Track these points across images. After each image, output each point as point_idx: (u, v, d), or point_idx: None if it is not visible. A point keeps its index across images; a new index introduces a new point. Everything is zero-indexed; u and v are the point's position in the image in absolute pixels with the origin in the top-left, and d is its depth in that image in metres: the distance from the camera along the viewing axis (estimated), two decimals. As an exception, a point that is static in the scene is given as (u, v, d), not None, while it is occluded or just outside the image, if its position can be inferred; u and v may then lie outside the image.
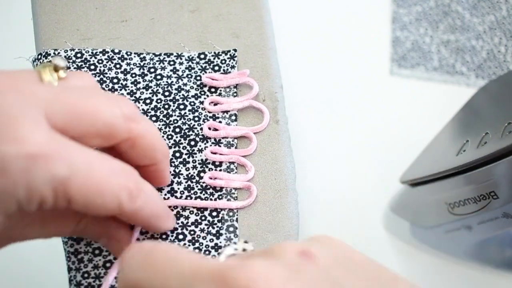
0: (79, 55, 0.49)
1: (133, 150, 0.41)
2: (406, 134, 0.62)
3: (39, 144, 0.35)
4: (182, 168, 0.46)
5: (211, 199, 0.46)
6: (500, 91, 0.55)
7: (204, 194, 0.46)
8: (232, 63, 0.50)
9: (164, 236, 0.45)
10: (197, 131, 0.48)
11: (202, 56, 0.50)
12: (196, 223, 0.45)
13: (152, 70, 0.49)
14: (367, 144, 0.62)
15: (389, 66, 0.64)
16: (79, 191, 0.36)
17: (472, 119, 0.55)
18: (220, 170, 0.47)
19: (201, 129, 0.48)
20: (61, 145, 0.36)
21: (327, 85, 0.63)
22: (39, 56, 0.49)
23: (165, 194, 0.46)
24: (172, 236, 0.45)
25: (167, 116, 0.48)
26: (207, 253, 0.44)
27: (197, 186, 0.46)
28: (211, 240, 0.45)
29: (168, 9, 0.52)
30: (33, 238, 0.40)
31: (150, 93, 0.48)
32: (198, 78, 0.49)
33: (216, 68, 0.50)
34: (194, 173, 0.46)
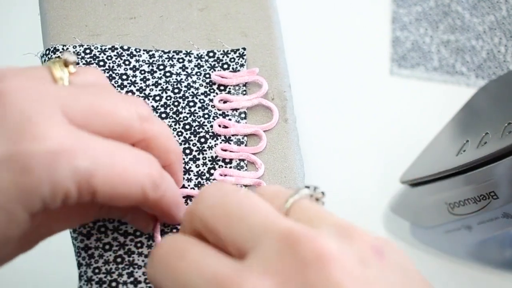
0: (88, 51, 0.49)
1: (147, 151, 0.41)
2: (406, 134, 0.62)
3: (60, 140, 0.35)
4: (192, 165, 0.47)
5: (220, 196, 0.46)
6: (500, 91, 0.55)
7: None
8: (241, 61, 0.50)
9: (174, 230, 0.45)
10: (207, 128, 0.48)
11: (211, 54, 0.50)
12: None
13: (161, 67, 0.49)
14: (367, 144, 0.62)
15: (389, 66, 0.64)
16: (104, 183, 0.36)
17: (472, 119, 0.56)
18: (230, 167, 0.47)
19: (211, 126, 0.48)
20: (81, 138, 0.36)
21: (326, 85, 0.63)
22: (47, 52, 0.49)
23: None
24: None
25: (177, 113, 0.48)
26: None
27: (207, 183, 0.46)
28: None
29: (177, 7, 0.52)
30: (60, 231, 0.40)
31: (159, 90, 0.49)
32: (207, 76, 0.49)
33: (225, 66, 0.50)
34: (204, 170, 0.47)
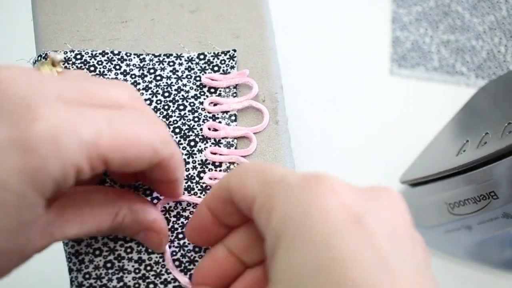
0: (78, 56, 0.49)
1: (158, 171, 0.41)
2: (406, 134, 0.62)
3: (60, 117, 0.35)
4: None
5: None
6: (500, 91, 0.55)
7: (204, 195, 0.46)
8: (231, 63, 0.50)
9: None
10: (197, 131, 0.48)
11: (201, 57, 0.50)
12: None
13: (151, 71, 0.49)
14: (367, 144, 0.62)
15: (389, 66, 0.64)
16: (112, 148, 0.36)
17: (472, 119, 0.55)
18: (220, 171, 0.47)
19: (201, 129, 0.48)
20: (80, 111, 0.36)
21: (327, 85, 0.63)
22: (39, 58, 0.49)
23: (165, 195, 0.46)
24: (172, 235, 0.45)
25: (167, 117, 0.48)
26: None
27: (197, 187, 0.46)
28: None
29: (168, 10, 0.52)
30: (73, 236, 0.40)
31: (150, 94, 0.48)
32: (197, 78, 0.49)
33: (216, 68, 0.50)
34: (194, 173, 0.46)
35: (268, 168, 0.37)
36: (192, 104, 0.48)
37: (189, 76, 0.49)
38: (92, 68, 0.49)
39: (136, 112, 0.39)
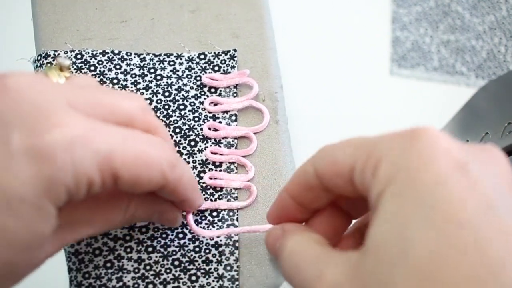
0: (79, 56, 0.49)
1: (167, 193, 0.41)
2: (406, 134, 0.61)
3: (76, 126, 0.35)
4: None
5: (211, 199, 0.46)
6: (500, 91, 0.54)
7: (204, 194, 0.46)
8: (232, 63, 0.50)
9: (164, 235, 0.45)
10: (197, 131, 0.48)
11: (202, 57, 0.50)
12: (196, 223, 0.45)
13: (152, 70, 0.49)
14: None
15: (389, 66, 0.64)
16: (124, 165, 0.36)
17: (472, 119, 0.55)
18: (220, 170, 0.47)
19: (201, 129, 0.48)
20: (95, 124, 0.36)
21: (327, 85, 0.63)
22: (39, 57, 0.49)
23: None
24: (172, 235, 0.45)
25: (167, 116, 0.48)
26: (207, 251, 0.44)
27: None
28: (212, 238, 0.45)
29: (168, 10, 0.52)
30: (84, 236, 0.40)
31: (150, 94, 0.48)
32: (198, 78, 0.49)
33: (216, 68, 0.50)
34: (194, 173, 0.46)
35: (354, 138, 0.38)
36: (192, 103, 0.48)
37: (189, 76, 0.49)
38: (92, 68, 0.49)
39: (147, 134, 0.39)
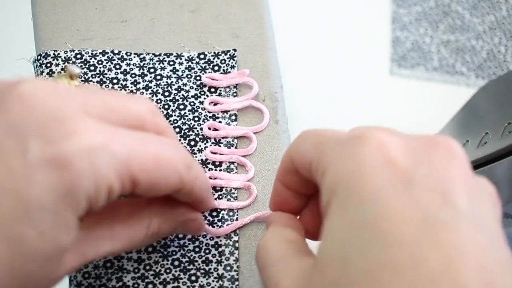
0: (78, 56, 0.49)
1: (184, 195, 0.41)
2: (406, 134, 0.61)
3: (94, 133, 0.35)
4: None
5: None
6: (500, 91, 0.54)
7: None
8: (231, 63, 0.50)
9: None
10: (197, 131, 0.48)
11: (201, 56, 0.50)
12: None
13: (152, 70, 0.49)
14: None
15: (389, 66, 0.64)
16: (142, 169, 0.36)
17: (472, 119, 0.55)
18: (220, 170, 0.47)
19: (201, 129, 0.48)
20: (111, 130, 0.36)
21: (327, 85, 0.63)
22: (39, 57, 0.49)
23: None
24: (172, 235, 0.45)
25: (167, 116, 0.48)
26: (207, 251, 0.44)
27: (197, 186, 0.46)
28: (211, 239, 0.45)
29: (168, 9, 0.52)
30: (105, 254, 0.39)
31: (150, 94, 0.48)
32: (198, 78, 0.49)
33: (216, 68, 0.50)
34: (194, 173, 0.46)
35: (321, 131, 0.37)
36: (192, 103, 0.48)
37: (189, 76, 0.49)
38: (92, 68, 0.49)
39: (160, 137, 0.39)
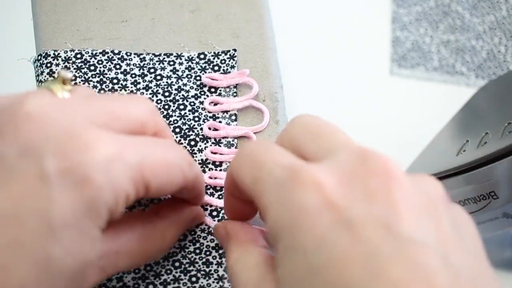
0: (79, 56, 0.49)
1: (185, 192, 0.41)
2: (406, 134, 0.61)
3: (106, 143, 0.35)
4: None
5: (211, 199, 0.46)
6: (500, 91, 0.55)
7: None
8: (232, 63, 0.50)
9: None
10: (197, 131, 0.48)
11: (201, 56, 0.50)
12: None
13: (152, 70, 0.49)
14: (367, 144, 0.61)
15: (389, 66, 0.64)
16: (153, 172, 0.36)
17: (472, 119, 0.55)
18: (220, 170, 0.47)
19: (201, 129, 0.48)
20: (120, 138, 0.36)
21: (327, 85, 0.63)
22: (39, 57, 0.49)
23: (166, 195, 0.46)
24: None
25: (167, 116, 0.48)
26: (207, 253, 0.44)
27: (197, 186, 0.46)
28: (212, 240, 0.45)
29: (168, 9, 0.52)
30: (124, 269, 0.39)
31: (150, 94, 0.48)
32: (198, 78, 0.49)
33: (216, 68, 0.50)
34: (194, 173, 0.46)
35: (258, 153, 0.36)
36: (192, 103, 0.48)
37: (189, 76, 0.49)
38: (92, 68, 0.49)
39: (160, 139, 0.40)
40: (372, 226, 0.31)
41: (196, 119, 0.48)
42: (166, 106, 0.48)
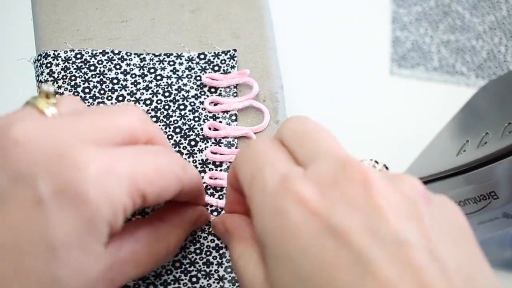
0: (79, 56, 0.49)
1: (182, 195, 0.41)
2: (406, 134, 0.61)
3: (97, 159, 0.35)
4: None
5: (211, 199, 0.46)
6: (500, 91, 0.54)
7: (204, 193, 0.46)
8: (232, 63, 0.50)
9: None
10: (197, 131, 0.48)
11: (202, 56, 0.50)
12: None
13: (152, 70, 0.49)
14: (367, 144, 0.61)
15: (389, 66, 0.64)
16: (148, 182, 0.36)
17: (472, 119, 0.55)
18: (221, 170, 0.47)
19: (201, 129, 0.47)
20: (110, 151, 0.36)
21: (327, 85, 0.63)
22: (39, 57, 0.49)
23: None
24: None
25: (167, 116, 0.48)
26: (208, 253, 0.44)
27: (197, 186, 0.46)
28: (212, 241, 0.45)
29: (168, 10, 0.52)
30: (133, 278, 0.39)
31: (150, 94, 0.48)
32: (198, 78, 0.49)
33: (216, 68, 0.50)
34: (194, 173, 0.46)
35: (259, 161, 0.37)
36: (192, 103, 0.48)
37: (189, 76, 0.49)
38: (92, 68, 0.49)
39: (151, 146, 0.39)
40: (356, 231, 0.32)
41: (196, 119, 0.48)
42: (166, 106, 0.48)
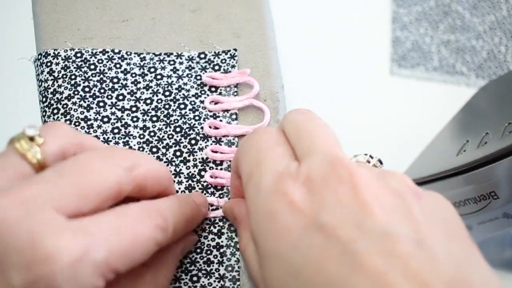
0: (79, 55, 0.49)
1: (143, 192, 0.40)
2: (406, 134, 0.61)
3: (70, 245, 0.34)
4: (182, 167, 0.46)
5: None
6: (500, 91, 0.54)
7: (205, 193, 0.46)
8: (232, 62, 0.50)
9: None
10: (198, 130, 0.48)
11: (202, 56, 0.50)
12: None
13: (152, 70, 0.49)
14: (367, 144, 0.61)
15: (389, 66, 0.64)
16: (121, 259, 0.36)
17: (472, 119, 0.55)
18: (221, 169, 0.47)
19: (202, 128, 0.47)
20: (84, 230, 0.35)
21: (327, 85, 0.63)
22: (39, 56, 0.49)
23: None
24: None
25: (168, 116, 0.48)
26: (208, 252, 0.44)
27: (198, 185, 0.46)
28: (213, 240, 0.45)
29: (169, 9, 0.52)
30: None
31: (150, 93, 0.48)
32: (198, 77, 0.49)
33: (216, 67, 0.50)
34: (194, 172, 0.46)
35: (260, 156, 0.38)
36: (193, 102, 0.48)
37: (189, 75, 0.49)
38: (92, 67, 0.49)
39: (131, 208, 0.38)
40: (344, 226, 0.33)
41: (197, 118, 0.48)
42: (167, 106, 0.48)
